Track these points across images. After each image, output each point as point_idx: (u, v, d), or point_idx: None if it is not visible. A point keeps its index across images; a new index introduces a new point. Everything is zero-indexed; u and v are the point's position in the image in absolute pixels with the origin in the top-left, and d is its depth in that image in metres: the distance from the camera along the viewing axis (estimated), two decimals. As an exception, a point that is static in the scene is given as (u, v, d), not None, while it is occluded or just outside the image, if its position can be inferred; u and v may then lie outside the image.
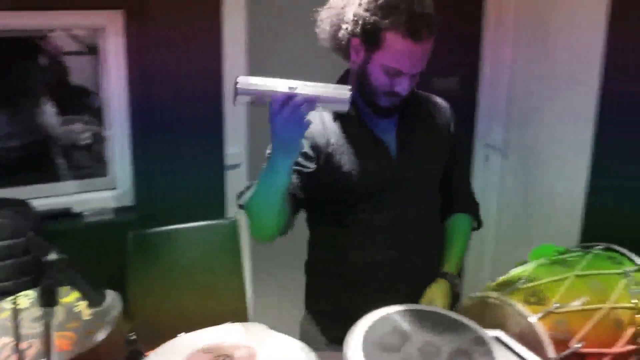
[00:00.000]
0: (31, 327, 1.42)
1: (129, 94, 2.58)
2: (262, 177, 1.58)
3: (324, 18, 1.76)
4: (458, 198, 1.99)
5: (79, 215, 2.51)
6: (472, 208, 2.02)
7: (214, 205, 2.64)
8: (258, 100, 1.42)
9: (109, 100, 2.60)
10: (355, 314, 1.47)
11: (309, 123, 1.43)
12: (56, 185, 2.63)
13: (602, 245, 1.93)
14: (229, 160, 2.70)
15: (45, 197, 2.53)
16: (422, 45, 1.62)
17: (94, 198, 2.60)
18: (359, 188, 1.76)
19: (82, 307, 1.48)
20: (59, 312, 1.43)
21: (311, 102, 1.40)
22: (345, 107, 1.47)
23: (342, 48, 1.74)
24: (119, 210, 2.62)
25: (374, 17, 1.61)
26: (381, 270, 1.81)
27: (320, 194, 1.78)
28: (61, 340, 1.33)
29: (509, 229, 2.98)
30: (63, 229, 2.45)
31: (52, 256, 1.14)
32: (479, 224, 2.04)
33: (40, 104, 2.73)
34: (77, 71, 2.85)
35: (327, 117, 1.78)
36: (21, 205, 2.27)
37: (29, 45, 2.68)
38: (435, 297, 1.77)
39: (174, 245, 2.45)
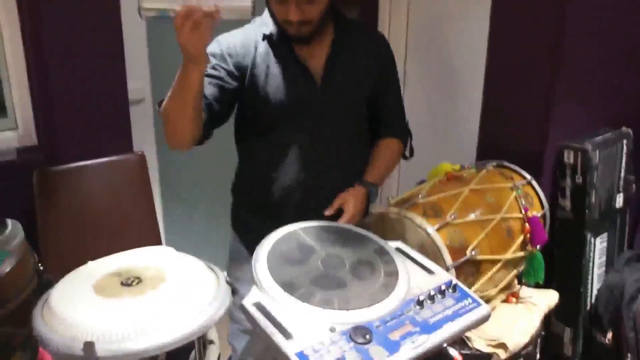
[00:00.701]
0: None
1: (24, 34, 2.46)
2: (175, 84, 1.61)
3: None
4: (388, 125, 2.03)
5: (-21, 157, 2.43)
6: (401, 134, 2.06)
7: (120, 141, 2.60)
8: (162, 15, 1.44)
9: (4, 42, 2.50)
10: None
11: (211, 33, 1.47)
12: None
13: (494, 162, 2.05)
14: (132, 95, 2.66)
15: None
16: None
17: (-4, 139, 2.52)
18: (281, 109, 1.83)
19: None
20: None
21: (211, 14, 1.42)
22: (247, 14, 1.47)
23: None
24: (22, 150, 2.53)
25: None
26: (301, 189, 1.87)
27: (245, 112, 1.86)
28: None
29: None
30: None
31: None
32: (411, 153, 2.09)
33: None
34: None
35: (258, 38, 1.84)
36: None
37: None
38: (349, 198, 1.80)
39: (82, 181, 2.41)
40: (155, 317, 1.20)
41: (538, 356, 1.90)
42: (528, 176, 1.98)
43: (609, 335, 2.42)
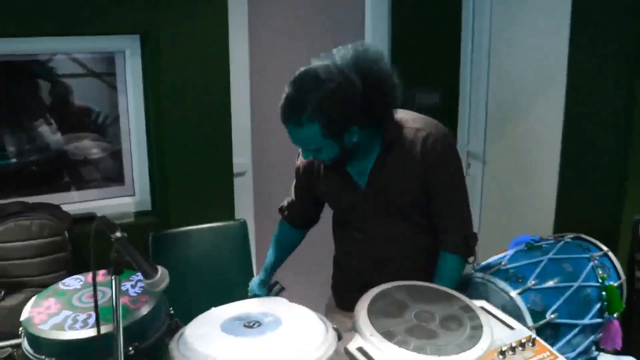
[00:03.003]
0: (85, 303, 1.66)
1: (145, 110, 2.80)
2: None
3: None
4: (444, 237, 2.00)
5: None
6: (457, 248, 1.98)
7: (224, 209, 2.86)
8: None
9: (127, 117, 2.82)
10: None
11: None
12: (80, 193, 2.83)
13: (572, 235, 2.18)
14: (236, 168, 2.93)
15: (70, 203, 2.73)
16: (296, 127, 1.78)
17: (116, 204, 2.82)
18: (337, 211, 2.15)
19: (129, 286, 1.72)
20: (107, 290, 1.65)
21: None
22: None
23: None
24: (138, 215, 2.83)
25: None
26: (363, 274, 2.08)
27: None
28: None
29: (491, 225, 3.23)
30: (89, 230, 2.63)
31: (118, 234, 1.39)
32: (474, 257, 2.04)
33: (47, 123, 2.88)
34: (81, 92, 3.02)
35: None
36: (56, 208, 2.49)
37: (34, 68, 2.82)
38: None
39: (190, 243, 2.69)
40: (275, 354, 1.41)
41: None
42: (605, 248, 2.09)
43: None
